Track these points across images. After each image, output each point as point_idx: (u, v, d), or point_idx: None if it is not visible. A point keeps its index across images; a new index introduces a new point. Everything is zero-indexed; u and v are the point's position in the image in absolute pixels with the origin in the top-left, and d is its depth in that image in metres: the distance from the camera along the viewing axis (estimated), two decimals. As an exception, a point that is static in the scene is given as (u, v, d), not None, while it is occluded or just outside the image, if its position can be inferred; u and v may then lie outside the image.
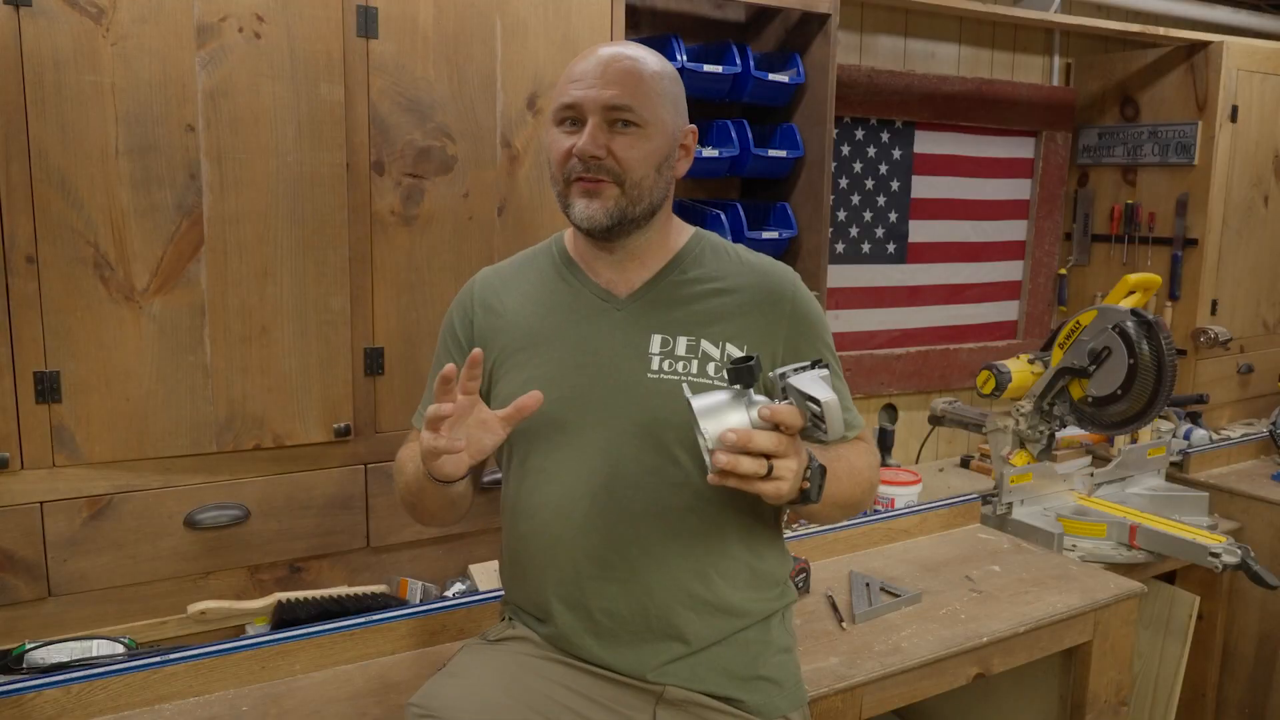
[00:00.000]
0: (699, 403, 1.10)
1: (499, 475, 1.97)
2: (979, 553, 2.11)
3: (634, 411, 1.27)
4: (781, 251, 2.56)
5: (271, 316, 1.78)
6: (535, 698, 1.25)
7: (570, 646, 1.30)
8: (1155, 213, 3.35)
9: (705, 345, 1.30)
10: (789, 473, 1.09)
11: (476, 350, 1.17)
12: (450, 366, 1.13)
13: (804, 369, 1.12)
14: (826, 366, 1.12)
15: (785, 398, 1.13)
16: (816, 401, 1.09)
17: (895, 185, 3.18)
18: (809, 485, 1.15)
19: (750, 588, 1.32)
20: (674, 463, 1.26)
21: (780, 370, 1.13)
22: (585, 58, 1.29)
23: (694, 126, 1.36)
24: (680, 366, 1.28)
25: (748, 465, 1.07)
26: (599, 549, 1.26)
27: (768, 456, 1.08)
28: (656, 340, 1.30)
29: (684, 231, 1.40)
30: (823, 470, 1.15)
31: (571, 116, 1.27)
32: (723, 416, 1.09)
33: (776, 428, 1.08)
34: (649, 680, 1.27)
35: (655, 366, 1.28)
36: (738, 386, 1.11)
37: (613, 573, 1.26)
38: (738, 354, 1.30)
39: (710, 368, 1.29)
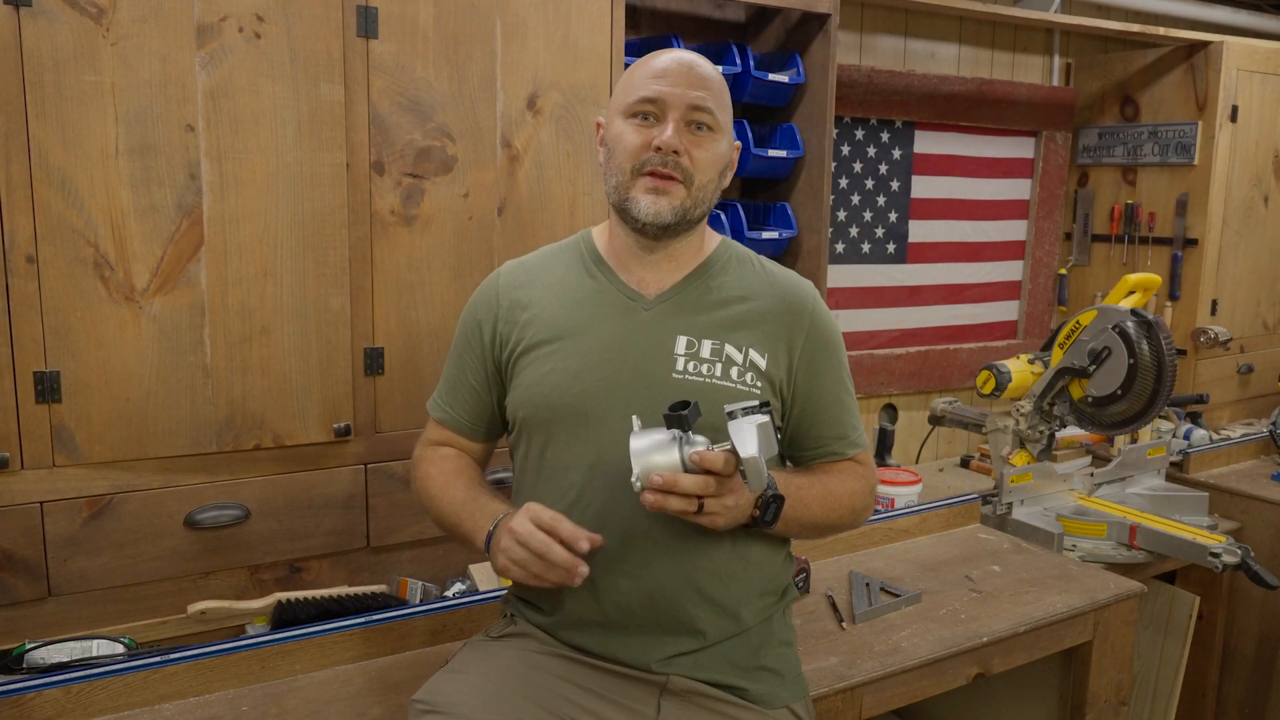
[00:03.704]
0: (635, 443, 1.15)
1: (503, 475, 1.98)
2: (979, 553, 2.10)
3: (657, 409, 1.27)
4: (781, 251, 2.56)
5: (271, 316, 1.78)
6: (539, 692, 1.25)
7: (577, 638, 1.30)
8: (1155, 213, 3.35)
9: (730, 350, 1.32)
10: (723, 509, 1.18)
11: (597, 537, 1.19)
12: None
13: (752, 409, 1.14)
14: (769, 411, 1.15)
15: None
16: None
17: (895, 185, 3.17)
18: (760, 513, 1.23)
19: (756, 589, 1.33)
20: None
21: (729, 408, 1.15)
22: (661, 57, 1.32)
23: (739, 143, 1.40)
24: (705, 369, 1.30)
25: (675, 504, 1.15)
26: (613, 542, 1.27)
27: (699, 496, 1.15)
28: (682, 342, 1.32)
29: (713, 239, 1.43)
30: (778, 499, 1.22)
31: (650, 111, 1.29)
32: (653, 457, 1.15)
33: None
34: (654, 671, 1.27)
35: (680, 367, 1.30)
36: (675, 430, 1.15)
37: (625, 566, 1.27)
38: (760, 361, 1.31)
39: (734, 372, 1.30)
